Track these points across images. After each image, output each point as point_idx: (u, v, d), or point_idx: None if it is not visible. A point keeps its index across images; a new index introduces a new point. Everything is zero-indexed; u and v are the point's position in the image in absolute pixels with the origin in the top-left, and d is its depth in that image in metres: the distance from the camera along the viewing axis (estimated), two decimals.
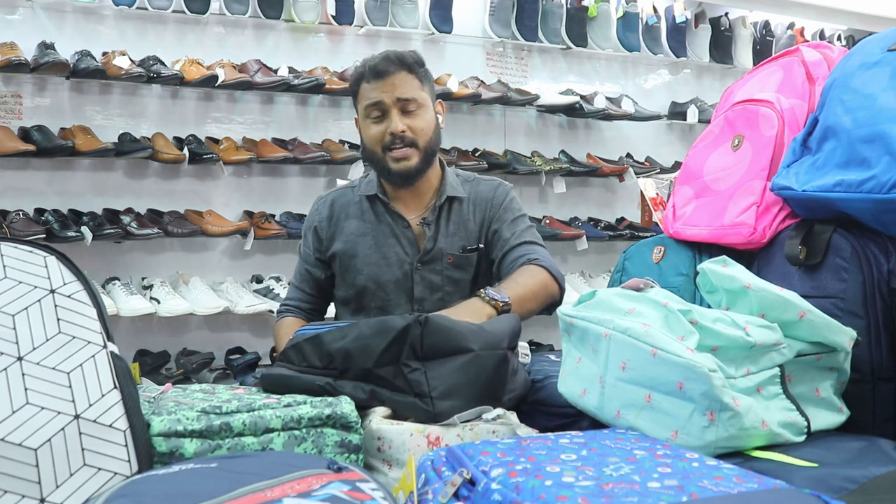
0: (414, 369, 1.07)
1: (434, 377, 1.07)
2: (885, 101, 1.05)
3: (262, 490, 0.71)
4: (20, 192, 2.98)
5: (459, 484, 0.77)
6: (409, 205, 1.78)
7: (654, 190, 1.77)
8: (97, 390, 0.86)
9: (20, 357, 0.84)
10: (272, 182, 3.42)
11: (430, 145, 1.72)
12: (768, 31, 4.41)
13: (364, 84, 1.73)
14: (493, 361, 1.13)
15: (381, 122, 1.70)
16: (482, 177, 1.87)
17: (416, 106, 1.70)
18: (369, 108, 1.71)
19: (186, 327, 3.21)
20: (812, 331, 0.97)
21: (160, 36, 3.23)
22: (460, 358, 1.09)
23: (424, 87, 1.74)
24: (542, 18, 3.81)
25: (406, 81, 1.70)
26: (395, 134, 1.68)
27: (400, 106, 1.69)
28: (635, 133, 4.18)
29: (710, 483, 0.71)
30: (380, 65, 1.71)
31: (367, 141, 1.74)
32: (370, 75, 1.71)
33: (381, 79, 1.70)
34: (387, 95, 1.69)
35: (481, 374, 1.11)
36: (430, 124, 1.73)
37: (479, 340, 1.12)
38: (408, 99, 1.69)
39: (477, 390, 1.09)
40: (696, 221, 1.35)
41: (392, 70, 1.69)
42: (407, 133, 1.68)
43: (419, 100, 1.71)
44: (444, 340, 1.09)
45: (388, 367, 1.08)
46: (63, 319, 0.89)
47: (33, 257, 0.92)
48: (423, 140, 1.71)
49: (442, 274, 1.74)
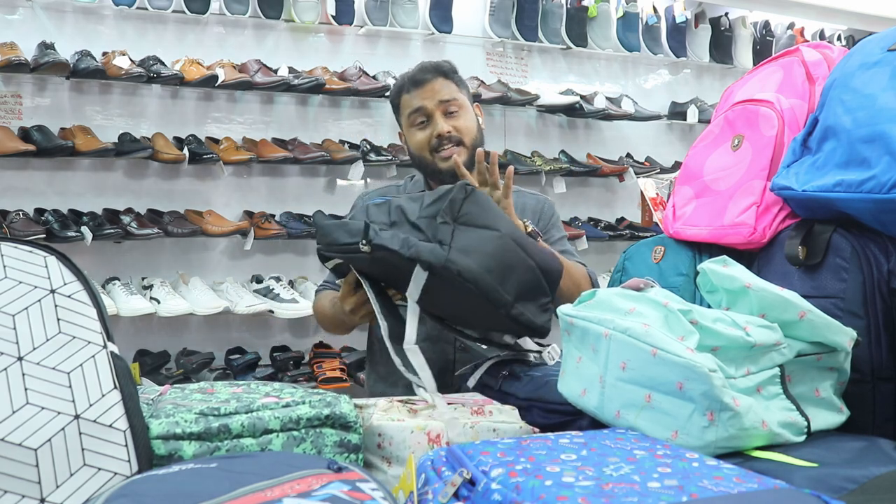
0: (444, 222, 1.20)
1: (459, 236, 1.19)
2: (885, 101, 1.04)
3: (261, 490, 0.71)
4: (20, 192, 2.98)
5: (459, 484, 0.77)
6: None
7: (654, 190, 1.77)
8: (97, 390, 0.86)
9: (20, 357, 0.84)
10: (272, 182, 3.42)
11: (475, 143, 1.78)
12: (768, 31, 4.41)
13: (405, 95, 1.79)
14: (515, 256, 1.23)
15: (425, 127, 1.77)
16: (523, 188, 1.92)
17: (458, 107, 1.77)
18: (413, 116, 1.77)
19: (186, 327, 3.21)
20: (812, 331, 0.97)
21: (160, 36, 3.23)
22: (488, 233, 1.21)
23: (462, 90, 1.80)
24: (542, 18, 3.81)
25: (444, 86, 1.77)
26: (441, 135, 1.74)
27: (442, 108, 1.75)
28: (635, 133, 4.18)
29: (710, 483, 0.71)
30: (417, 75, 1.78)
31: (415, 147, 1.79)
32: (410, 85, 1.78)
33: (421, 87, 1.77)
34: (428, 101, 1.75)
35: (500, 255, 1.20)
36: (473, 123, 1.79)
37: (511, 231, 1.24)
38: (448, 100, 1.75)
39: (492, 265, 1.18)
40: (696, 221, 1.35)
41: (429, 77, 1.77)
42: (453, 133, 1.75)
43: (460, 101, 1.78)
44: (481, 212, 1.22)
45: (427, 219, 1.22)
46: (63, 319, 0.89)
47: (33, 257, 0.92)
48: (469, 138, 1.77)
49: None
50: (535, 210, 1.86)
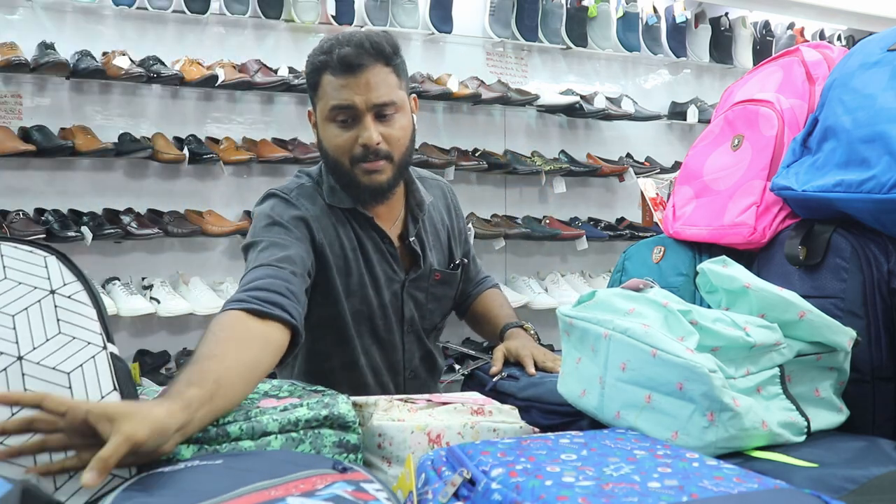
0: None
1: None
2: (885, 101, 1.05)
3: (266, 489, 0.71)
4: (20, 192, 2.98)
5: (459, 484, 0.77)
6: (383, 217, 1.55)
7: (654, 190, 1.77)
8: (97, 391, 0.86)
9: (20, 357, 0.84)
10: (272, 182, 3.41)
11: (405, 157, 1.48)
12: (768, 31, 4.41)
13: (329, 77, 1.41)
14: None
15: (349, 128, 1.42)
16: (420, 170, 1.68)
17: (394, 110, 1.43)
18: (336, 111, 1.42)
19: (186, 327, 3.21)
20: (812, 331, 0.97)
21: (160, 36, 3.23)
22: None
23: (402, 82, 1.45)
24: (542, 18, 3.81)
25: (382, 79, 1.41)
26: (367, 146, 1.41)
27: (375, 111, 1.41)
28: (635, 133, 4.18)
29: (711, 483, 0.71)
30: (351, 55, 1.38)
31: (332, 149, 1.45)
32: (339, 68, 1.40)
33: (353, 74, 1.39)
34: (360, 98, 1.39)
35: None
36: (406, 132, 1.46)
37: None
38: (385, 104, 1.41)
39: None
40: (695, 221, 1.35)
41: (366, 64, 1.39)
42: (381, 145, 1.42)
43: (397, 102, 1.43)
44: None
45: None
46: (63, 320, 0.89)
47: (33, 257, 0.92)
48: (399, 152, 1.45)
49: (427, 291, 1.60)
50: (445, 203, 1.69)
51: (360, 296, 1.52)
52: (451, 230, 1.69)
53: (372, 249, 1.53)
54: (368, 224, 1.53)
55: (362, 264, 1.52)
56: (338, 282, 1.49)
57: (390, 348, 1.59)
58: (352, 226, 1.52)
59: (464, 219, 1.74)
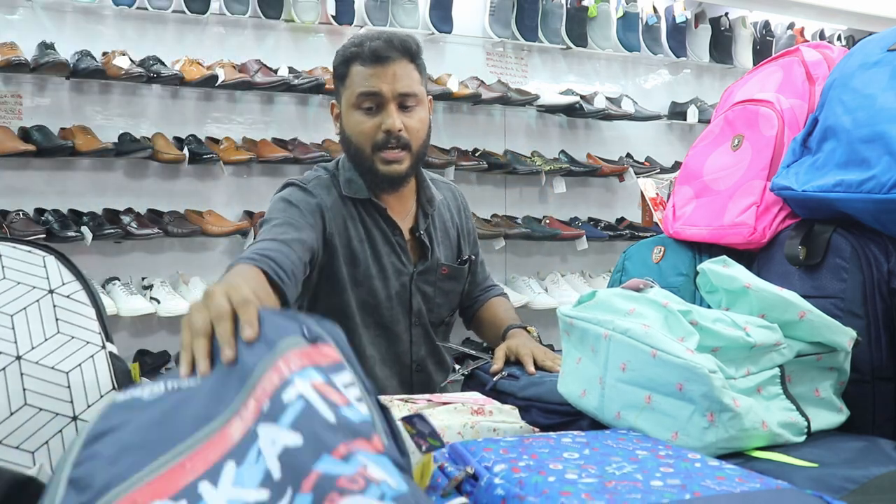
0: None
1: None
2: (885, 101, 1.04)
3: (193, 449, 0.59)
4: (20, 192, 2.98)
5: (462, 479, 0.77)
6: (395, 209, 1.62)
7: (654, 190, 1.77)
8: (96, 391, 0.86)
9: (19, 356, 0.84)
10: (272, 182, 3.42)
11: (421, 149, 1.57)
12: (768, 31, 4.41)
13: (358, 67, 1.52)
14: None
15: (373, 115, 1.51)
16: (430, 173, 1.75)
17: (416, 102, 1.53)
18: (363, 97, 1.51)
19: None
20: (812, 331, 0.97)
21: (160, 36, 3.23)
22: None
23: (423, 80, 1.57)
24: (542, 18, 3.81)
25: (407, 73, 1.52)
26: (390, 131, 1.50)
27: (399, 101, 1.51)
28: (635, 133, 4.18)
29: (713, 483, 0.71)
30: (381, 49, 1.50)
31: (355, 135, 1.54)
32: (369, 58, 1.50)
33: (382, 65, 1.50)
34: (386, 87, 1.49)
35: None
36: (424, 125, 1.56)
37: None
38: (408, 94, 1.52)
39: None
40: (695, 221, 1.35)
41: (394, 57, 1.51)
42: (403, 133, 1.51)
43: (419, 96, 1.54)
44: None
45: None
46: (62, 319, 0.88)
47: (32, 257, 0.92)
48: (417, 142, 1.55)
49: (435, 285, 1.65)
50: (455, 205, 1.74)
51: (366, 286, 1.57)
52: (461, 229, 1.74)
53: (381, 241, 1.59)
54: (381, 215, 1.60)
55: (370, 255, 1.58)
56: (344, 271, 1.56)
57: (397, 340, 1.62)
58: (363, 217, 1.59)
59: (472, 221, 1.80)
